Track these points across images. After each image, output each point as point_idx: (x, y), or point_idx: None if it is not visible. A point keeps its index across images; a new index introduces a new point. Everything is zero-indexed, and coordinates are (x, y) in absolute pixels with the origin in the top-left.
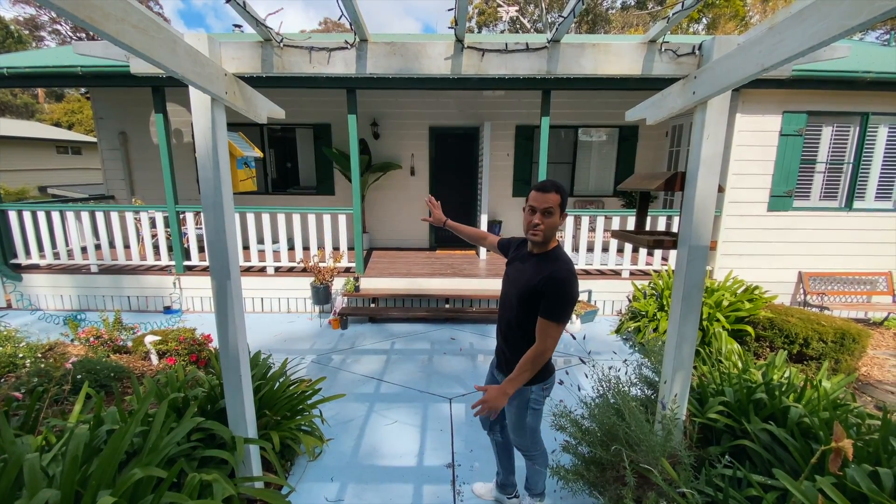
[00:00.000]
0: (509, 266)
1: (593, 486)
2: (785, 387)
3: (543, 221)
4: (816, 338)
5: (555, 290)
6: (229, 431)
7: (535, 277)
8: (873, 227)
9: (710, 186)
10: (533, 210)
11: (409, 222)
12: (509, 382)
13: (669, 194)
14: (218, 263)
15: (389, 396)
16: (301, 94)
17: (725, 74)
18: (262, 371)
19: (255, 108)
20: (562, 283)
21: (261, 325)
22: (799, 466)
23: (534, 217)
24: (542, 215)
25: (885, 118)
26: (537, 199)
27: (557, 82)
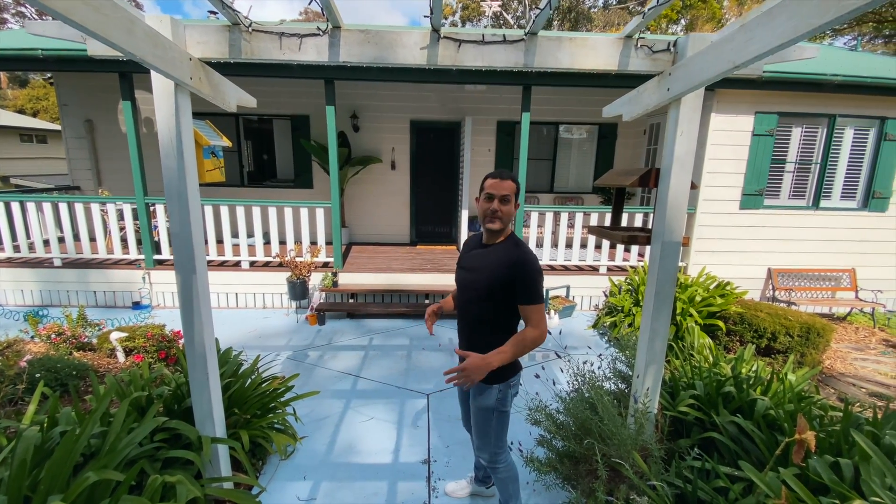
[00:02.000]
0: (464, 262)
1: (567, 479)
2: (752, 380)
3: (501, 209)
4: (783, 332)
5: (526, 273)
6: (195, 431)
7: (502, 267)
8: (838, 226)
9: (682, 183)
10: (490, 197)
11: (390, 217)
12: (496, 354)
13: (647, 191)
14: (183, 257)
15: (366, 393)
16: (278, 84)
17: (699, 71)
18: (232, 368)
19: (222, 95)
20: (531, 265)
21: (235, 321)
22: (765, 457)
23: (492, 204)
24: (500, 202)
25: (851, 120)
26: (495, 187)
27: (538, 77)
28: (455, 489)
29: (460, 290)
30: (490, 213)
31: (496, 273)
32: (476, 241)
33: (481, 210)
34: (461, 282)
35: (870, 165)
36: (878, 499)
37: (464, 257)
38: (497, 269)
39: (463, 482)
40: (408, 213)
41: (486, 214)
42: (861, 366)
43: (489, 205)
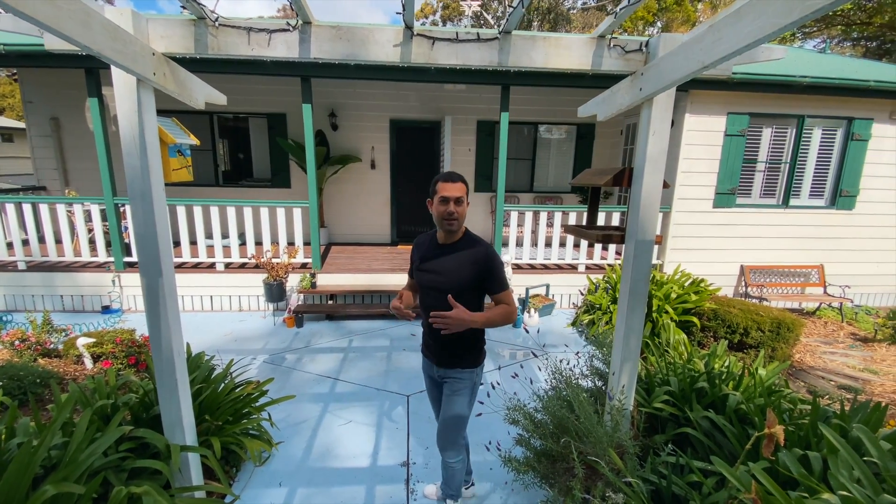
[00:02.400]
0: (426, 265)
1: (544, 478)
2: (725, 375)
3: (457, 210)
4: (755, 327)
5: (494, 266)
6: (164, 439)
7: (470, 265)
8: (807, 224)
9: (655, 182)
10: (445, 200)
11: (370, 216)
12: (480, 316)
13: (623, 190)
14: (148, 259)
15: (345, 396)
16: (253, 81)
17: (669, 71)
18: (203, 373)
19: (189, 91)
20: (496, 258)
21: (209, 325)
22: (737, 451)
23: (448, 206)
24: (455, 204)
25: (819, 121)
26: (448, 189)
27: (516, 77)
28: (433, 491)
29: (427, 290)
30: (447, 214)
31: (465, 271)
32: (430, 241)
33: (438, 212)
34: (428, 283)
35: (837, 165)
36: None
37: (424, 259)
38: (465, 268)
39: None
40: (388, 213)
41: (443, 216)
42: (830, 359)
43: (445, 207)
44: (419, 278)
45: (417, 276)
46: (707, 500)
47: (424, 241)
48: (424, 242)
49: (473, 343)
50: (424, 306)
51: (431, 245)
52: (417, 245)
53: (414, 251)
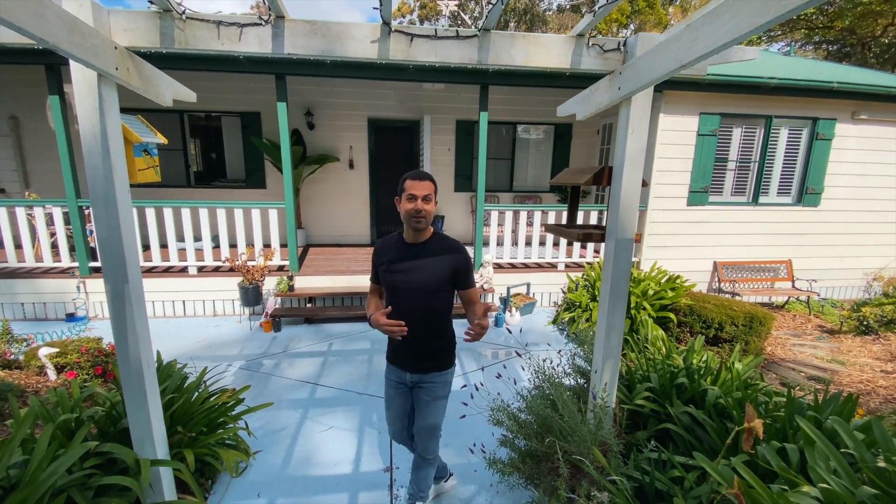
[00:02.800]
0: (398, 266)
1: (529, 478)
2: (703, 370)
3: (425, 207)
4: (729, 322)
5: (465, 262)
6: (133, 454)
7: (443, 261)
8: (776, 220)
9: (634, 181)
10: (413, 198)
11: (349, 217)
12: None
13: (601, 189)
14: (112, 264)
15: (325, 401)
16: (225, 79)
17: (648, 70)
18: (175, 383)
19: (155, 88)
20: (466, 254)
21: (182, 331)
22: (716, 445)
23: (416, 204)
24: (423, 202)
25: (786, 121)
26: (416, 188)
27: (495, 77)
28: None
29: (400, 292)
30: (415, 212)
31: (443, 269)
32: (397, 242)
33: (405, 210)
34: (402, 284)
35: (803, 163)
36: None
37: (396, 260)
38: (443, 266)
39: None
40: (367, 213)
41: (411, 214)
42: (799, 351)
43: (413, 205)
44: (390, 280)
45: (387, 278)
46: (689, 495)
47: (390, 244)
48: (391, 244)
49: (449, 345)
50: (398, 307)
51: (400, 246)
52: (383, 248)
53: (379, 255)
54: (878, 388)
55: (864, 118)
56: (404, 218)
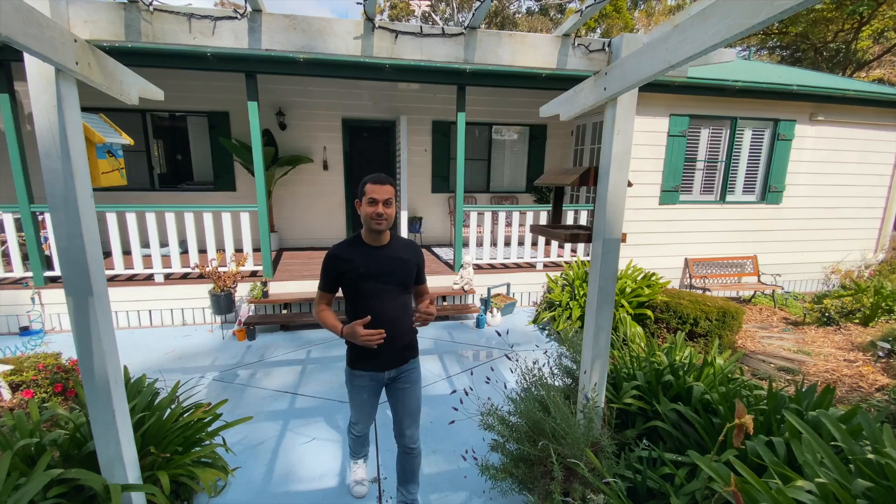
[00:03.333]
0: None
1: (522, 483)
2: (687, 367)
3: (386, 211)
4: (704, 317)
5: (422, 259)
6: (101, 479)
7: (410, 259)
8: (742, 217)
9: (620, 181)
10: (374, 202)
11: (324, 219)
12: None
13: (575, 189)
14: (74, 275)
15: (306, 411)
16: (191, 77)
17: (634, 71)
18: (146, 399)
19: (119, 84)
20: (422, 251)
21: (149, 342)
22: (703, 441)
23: (377, 208)
24: (384, 206)
25: (750, 122)
26: (377, 192)
27: (472, 77)
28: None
29: (379, 295)
30: (376, 215)
31: (406, 267)
32: (358, 248)
33: (367, 213)
34: (379, 287)
35: (766, 163)
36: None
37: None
38: (405, 264)
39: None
40: (343, 215)
41: (371, 217)
42: (768, 343)
43: (374, 208)
44: (364, 286)
45: (360, 284)
46: (681, 492)
47: (352, 250)
48: (353, 251)
49: (415, 334)
50: (374, 312)
51: (363, 251)
52: (345, 255)
53: (342, 262)
54: (844, 377)
55: (820, 119)
56: (365, 220)
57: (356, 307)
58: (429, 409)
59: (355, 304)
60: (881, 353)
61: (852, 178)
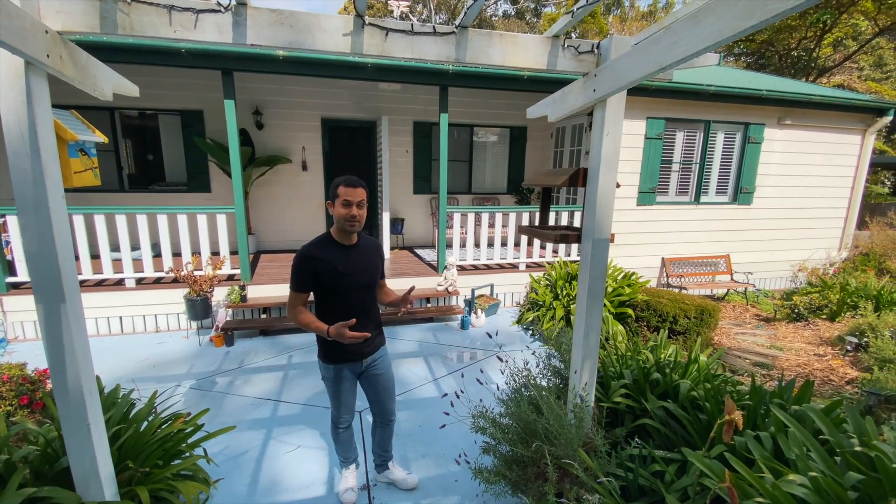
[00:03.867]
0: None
1: (516, 485)
2: (673, 364)
3: (359, 213)
4: (683, 315)
5: (383, 255)
6: (76, 497)
7: (375, 258)
8: (715, 218)
9: (609, 182)
10: (348, 203)
11: (303, 221)
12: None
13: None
14: (45, 282)
15: (290, 418)
16: (163, 74)
17: (625, 72)
18: (121, 411)
19: (93, 79)
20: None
21: (120, 350)
22: (691, 437)
23: (351, 210)
24: (357, 207)
25: (722, 125)
26: (351, 194)
27: (455, 78)
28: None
29: (350, 291)
30: (350, 217)
31: (374, 264)
32: (331, 248)
33: (341, 215)
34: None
35: (737, 165)
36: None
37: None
38: (374, 261)
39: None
40: (323, 217)
41: (345, 219)
42: (742, 339)
43: (348, 210)
44: (341, 283)
45: (338, 281)
46: (671, 489)
47: (327, 250)
48: (328, 250)
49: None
50: (349, 306)
51: (335, 251)
52: (320, 255)
53: (317, 262)
54: (815, 371)
55: (788, 123)
56: (339, 221)
57: (333, 304)
58: (416, 412)
59: (332, 301)
60: (849, 347)
61: (818, 179)
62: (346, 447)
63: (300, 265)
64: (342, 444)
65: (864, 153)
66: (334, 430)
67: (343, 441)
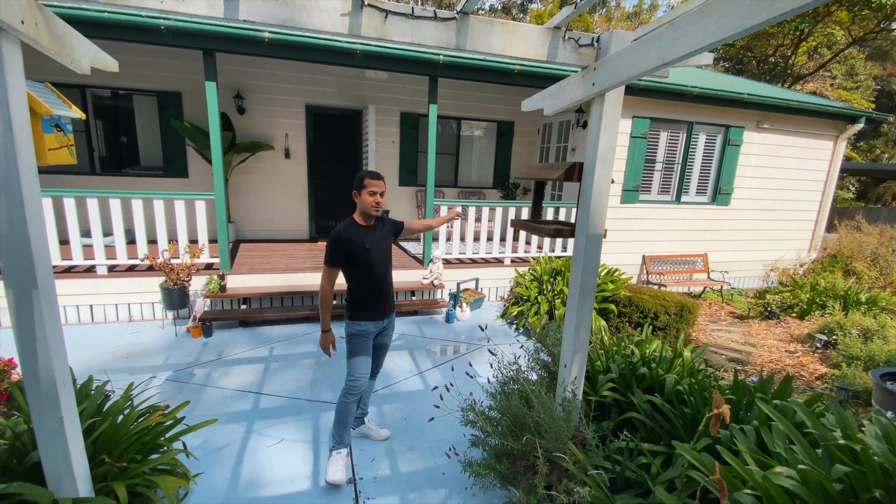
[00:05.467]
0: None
1: (505, 478)
2: (659, 359)
3: (381, 200)
4: (663, 311)
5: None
6: (49, 493)
7: (390, 231)
8: (694, 217)
9: (605, 177)
10: (374, 193)
11: (285, 210)
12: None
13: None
14: (16, 266)
15: (271, 411)
16: (140, 51)
17: (626, 67)
18: (95, 403)
19: (70, 51)
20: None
21: (91, 340)
22: (676, 430)
23: (376, 198)
24: (381, 196)
25: (704, 127)
26: (377, 185)
27: (445, 69)
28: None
29: (376, 265)
30: (376, 204)
31: (388, 239)
32: (356, 230)
33: (367, 202)
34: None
35: (717, 166)
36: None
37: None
38: (388, 236)
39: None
40: (306, 206)
41: (371, 206)
42: (717, 335)
43: (374, 198)
44: (369, 258)
45: (366, 257)
46: (657, 480)
47: (352, 232)
48: (358, 232)
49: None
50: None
51: (362, 232)
52: (353, 236)
53: (350, 242)
54: (787, 366)
55: (766, 127)
56: (366, 207)
57: (361, 275)
58: (402, 404)
59: (360, 272)
60: (818, 345)
61: (791, 182)
62: (347, 423)
63: (335, 245)
64: (347, 419)
65: (836, 158)
66: (344, 401)
67: (350, 414)
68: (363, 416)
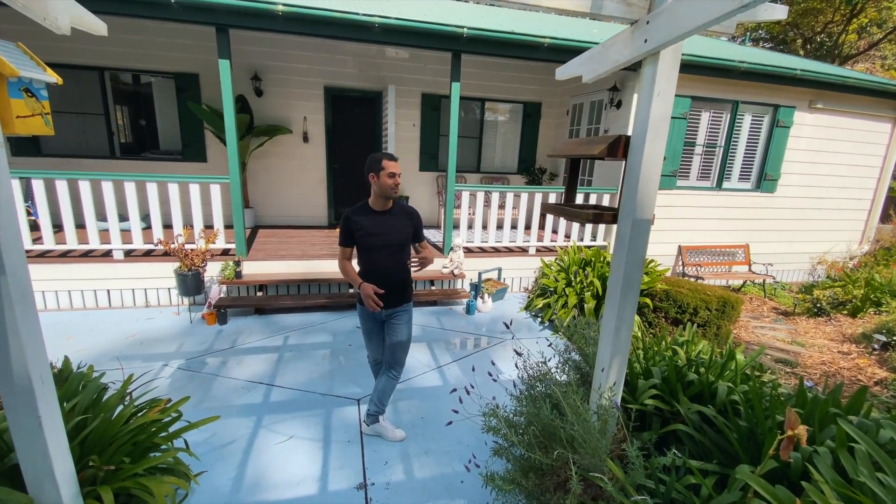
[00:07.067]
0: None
1: (531, 495)
2: (708, 363)
3: (399, 182)
4: (704, 307)
5: (420, 220)
6: (28, 498)
7: (408, 222)
8: (736, 205)
9: (657, 151)
10: (393, 174)
11: (304, 195)
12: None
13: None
14: None
15: (282, 405)
16: (156, 32)
17: (689, 17)
18: (89, 397)
19: (43, 4)
20: (419, 213)
21: (107, 325)
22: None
23: (395, 179)
24: (398, 177)
25: (750, 107)
26: (395, 167)
27: (468, 43)
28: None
29: (376, 249)
30: (394, 185)
31: (407, 228)
32: (366, 212)
33: (386, 184)
34: (379, 244)
35: (763, 150)
36: None
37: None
38: (407, 225)
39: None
40: (324, 192)
41: (390, 188)
42: (761, 333)
43: (393, 180)
44: (369, 242)
45: (366, 241)
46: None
47: (360, 214)
48: (363, 214)
49: (410, 284)
50: (374, 261)
51: (370, 214)
52: (357, 218)
53: (354, 223)
54: (842, 370)
55: (819, 107)
56: (383, 189)
57: (363, 258)
58: (419, 402)
59: (361, 254)
60: (876, 346)
61: (844, 168)
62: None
63: (343, 224)
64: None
65: (894, 143)
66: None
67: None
68: (377, 415)
